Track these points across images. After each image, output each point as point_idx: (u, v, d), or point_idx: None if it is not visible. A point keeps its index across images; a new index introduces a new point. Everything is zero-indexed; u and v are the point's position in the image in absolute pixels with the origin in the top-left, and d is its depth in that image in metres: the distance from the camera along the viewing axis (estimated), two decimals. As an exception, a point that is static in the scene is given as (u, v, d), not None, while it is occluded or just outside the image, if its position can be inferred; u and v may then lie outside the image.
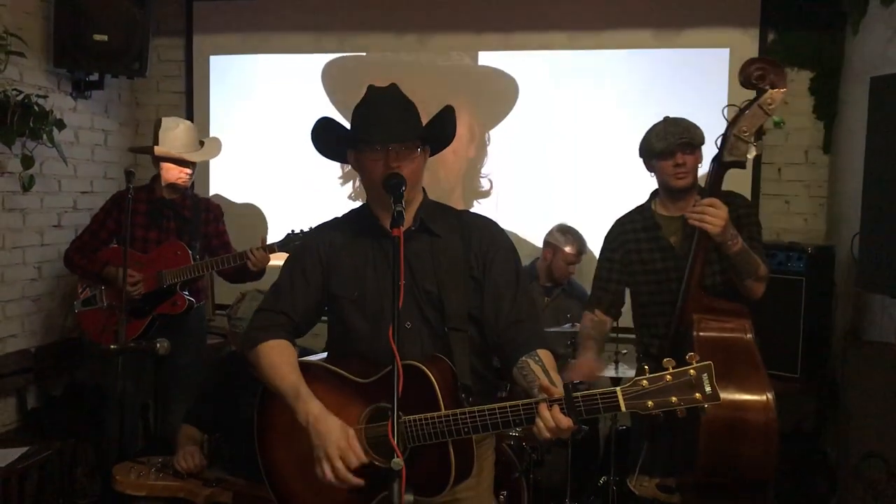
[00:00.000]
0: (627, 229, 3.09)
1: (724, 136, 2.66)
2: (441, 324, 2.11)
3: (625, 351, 3.92)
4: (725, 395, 2.39)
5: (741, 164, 2.67)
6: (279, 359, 2.12)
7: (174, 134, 3.85)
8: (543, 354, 2.05)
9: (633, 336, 3.26)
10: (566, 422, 1.79)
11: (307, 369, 2.12)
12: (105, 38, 4.35)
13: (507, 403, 1.88)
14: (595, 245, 4.72)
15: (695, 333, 2.59)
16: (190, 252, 3.81)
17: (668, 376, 1.75)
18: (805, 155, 4.55)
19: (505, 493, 3.57)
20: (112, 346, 3.15)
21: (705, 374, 1.74)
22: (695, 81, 4.60)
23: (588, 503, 3.97)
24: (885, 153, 3.02)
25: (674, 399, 1.74)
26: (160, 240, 3.87)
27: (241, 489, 2.92)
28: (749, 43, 4.54)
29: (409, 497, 1.65)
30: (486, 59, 4.90)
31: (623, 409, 1.77)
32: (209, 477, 2.98)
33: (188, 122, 3.97)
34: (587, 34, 4.74)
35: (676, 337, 2.76)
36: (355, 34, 5.01)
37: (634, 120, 4.67)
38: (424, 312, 2.12)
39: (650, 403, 1.75)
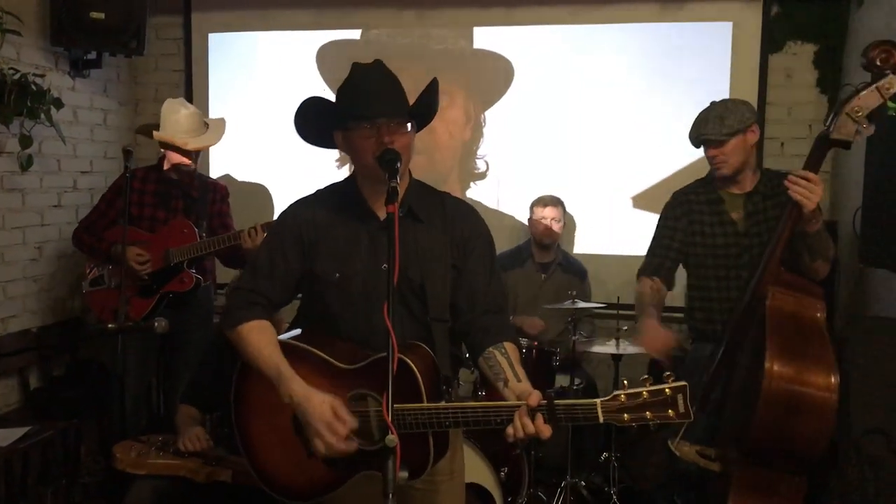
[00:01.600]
0: (691, 199, 3.10)
1: (835, 113, 2.59)
2: (422, 312, 2.12)
3: (625, 327, 3.91)
4: (789, 370, 2.39)
5: (846, 144, 2.59)
6: (261, 340, 2.11)
7: (175, 119, 3.82)
8: (510, 347, 2.09)
9: (669, 314, 3.23)
10: (548, 431, 1.85)
11: (289, 351, 2.11)
12: (102, 15, 4.31)
13: (490, 403, 1.92)
14: (587, 216, 4.75)
15: (768, 303, 2.55)
16: (196, 230, 3.82)
17: (645, 393, 1.82)
18: (808, 129, 4.50)
19: (506, 469, 3.57)
20: (110, 325, 3.15)
21: (680, 395, 1.81)
22: (698, 55, 4.56)
23: (589, 479, 3.97)
24: (887, 127, 2.99)
25: (648, 414, 1.81)
26: (168, 219, 3.88)
27: (241, 468, 2.92)
28: (752, 16, 4.49)
29: (403, 473, 1.66)
30: (487, 34, 4.85)
31: (601, 420, 1.83)
32: (209, 455, 2.98)
33: (191, 108, 3.91)
34: (589, 8, 4.69)
35: (746, 312, 2.73)
36: (355, 10, 4.96)
37: (636, 96, 4.66)
38: (406, 299, 2.11)
39: (626, 417, 1.82)
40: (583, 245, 4.78)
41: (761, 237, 2.93)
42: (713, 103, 3.02)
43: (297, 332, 2.24)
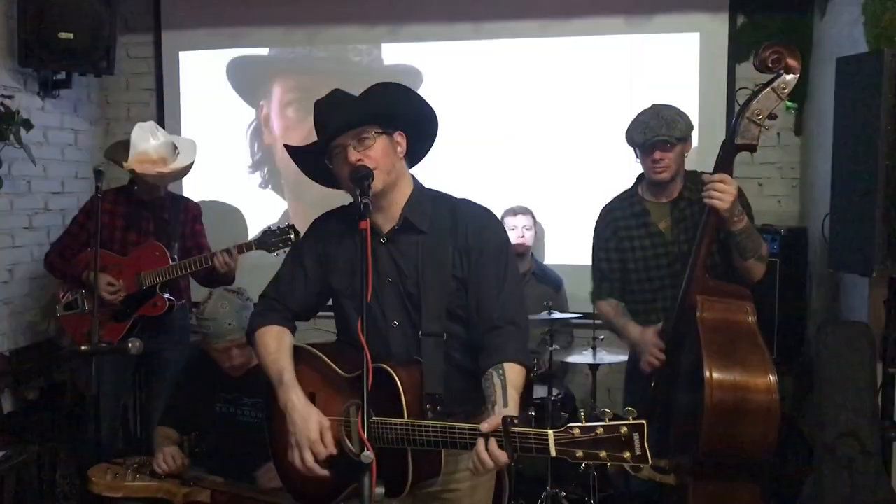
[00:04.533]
0: (617, 216, 3.09)
1: (736, 119, 2.64)
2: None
3: (602, 336, 3.93)
4: (729, 376, 2.44)
5: (752, 148, 2.65)
6: (271, 344, 2.20)
7: (144, 148, 3.77)
8: (509, 367, 2.00)
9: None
10: (503, 457, 1.79)
11: (303, 355, 2.22)
12: (70, 35, 4.28)
13: (456, 425, 1.89)
14: (562, 226, 4.77)
15: (698, 315, 2.60)
16: (168, 253, 3.78)
17: (600, 429, 1.71)
18: (777, 137, 4.56)
19: (486, 482, 3.57)
20: (83, 348, 3.12)
21: (636, 434, 1.69)
22: (665, 66, 4.62)
23: (569, 490, 3.98)
24: (852, 134, 3.05)
25: (603, 454, 1.71)
26: (139, 241, 3.84)
27: (219, 487, 2.91)
28: (719, 27, 4.56)
29: (380, 489, 1.66)
30: (461, 47, 4.87)
31: (553, 454, 1.74)
32: (186, 476, 2.96)
33: (160, 136, 3.81)
34: (557, 22, 4.73)
35: (679, 319, 2.76)
36: (325, 27, 4.97)
37: (605, 106, 4.70)
38: (409, 314, 2.12)
39: (580, 454, 1.73)
40: (559, 255, 4.80)
41: (690, 244, 2.87)
42: (654, 106, 3.00)
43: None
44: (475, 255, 2.12)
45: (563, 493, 3.91)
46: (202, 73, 5.14)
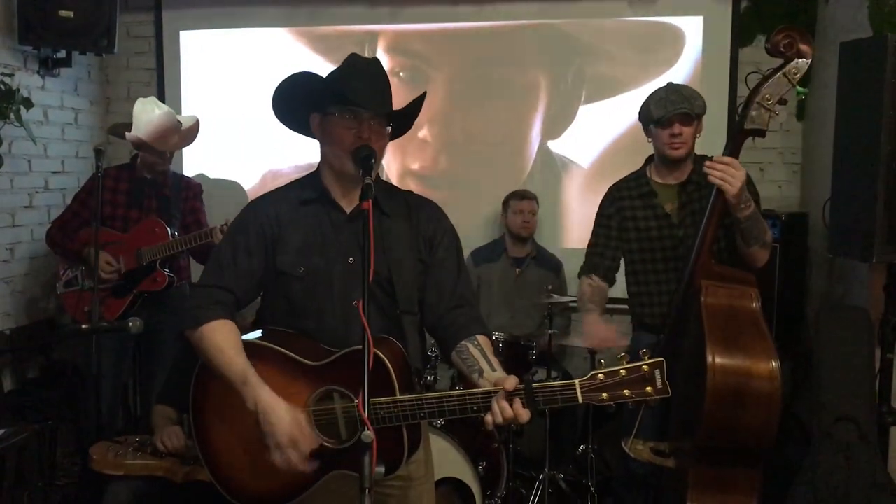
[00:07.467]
0: (623, 195, 3.06)
1: (746, 103, 2.61)
2: (390, 305, 2.11)
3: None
4: (731, 362, 2.41)
5: (761, 133, 2.62)
6: (224, 342, 2.04)
7: (148, 119, 3.79)
8: (482, 339, 2.09)
9: (615, 306, 3.27)
10: (526, 415, 1.86)
11: (251, 349, 2.06)
12: (71, 14, 4.25)
13: (466, 391, 1.92)
14: (562, 211, 4.78)
15: (702, 300, 2.57)
16: (168, 229, 3.80)
17: (623, 371, 1.85)
18: (779, 124, 4.55)
19: (484, 463, 3.59)
20: (84, 326, 3.13)
21: (657, 371, 1.84)
22: (669, 49, 4.60)
23: (566, 472, 4.00)
24: (855, 119, 3.04)
25: (626, 392, 1.84)
26: (140, 218, 3.87)
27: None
28: (723, 10, 4.54)
29: (380, 468, 1.67)
30: (461, 29, 4.83)
31: (580, 401, 1.85)
32: (187, 455, 2.97)
33: (164, 107, 3.87)
34: (561, 4, 4.71)
35: (683, 303, 2.75)
36: (327, 7, 4.94)
37: (609, 91, 4.69)
38: (373, 293, 2.07)
39: (605, 395, 1.85)
40: (559, 239, 4.80)
41: (696, 227, 2.82)
42: (671, 84, 2.98)
43: (259, 332, 2.19)
44: (437, 240, 2.18)
45: (561, 476, 3.93)
46: (203, 53, 5.12)
